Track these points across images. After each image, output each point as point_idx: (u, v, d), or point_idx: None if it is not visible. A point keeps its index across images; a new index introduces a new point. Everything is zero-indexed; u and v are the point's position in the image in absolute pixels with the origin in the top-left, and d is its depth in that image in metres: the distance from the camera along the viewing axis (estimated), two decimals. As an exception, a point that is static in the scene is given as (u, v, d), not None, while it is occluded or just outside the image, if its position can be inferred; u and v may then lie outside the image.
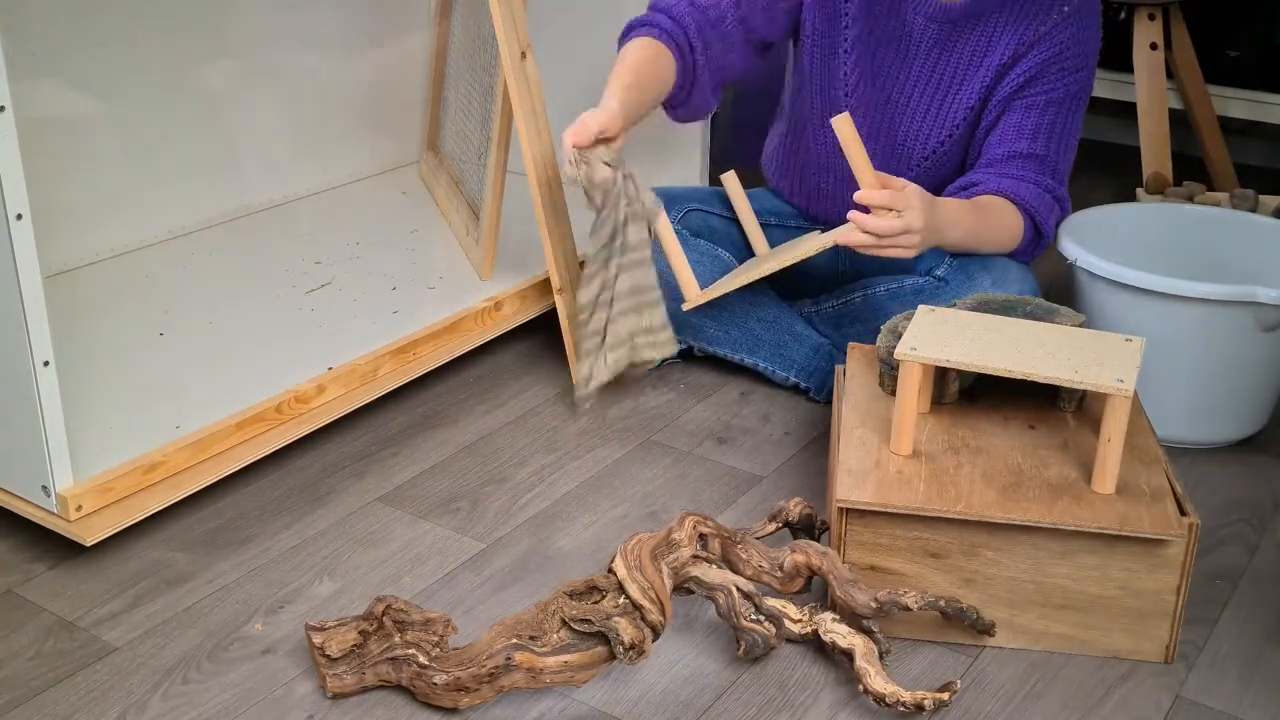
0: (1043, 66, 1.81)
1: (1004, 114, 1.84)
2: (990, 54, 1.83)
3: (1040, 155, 1.83)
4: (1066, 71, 1.81)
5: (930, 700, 1.28)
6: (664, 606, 1.28)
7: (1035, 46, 1.81)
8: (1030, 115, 1.83)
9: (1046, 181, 1.83)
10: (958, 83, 1.85)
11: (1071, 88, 1.82)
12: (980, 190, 1.82)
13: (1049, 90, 1.82)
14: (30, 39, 1.93)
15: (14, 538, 1.56)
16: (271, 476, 1.70)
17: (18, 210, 1.33)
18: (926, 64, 1.85)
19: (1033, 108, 1.83)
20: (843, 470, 1.41)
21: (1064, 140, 1.85)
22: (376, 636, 1.31)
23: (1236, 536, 1.62)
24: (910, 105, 1.88)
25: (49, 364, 1.40)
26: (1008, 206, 1.81)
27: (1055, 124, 1.83)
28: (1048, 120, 1.83)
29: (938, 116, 1.87)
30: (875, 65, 1.87)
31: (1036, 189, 1.82)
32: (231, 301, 1.96)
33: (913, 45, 1.85)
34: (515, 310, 2.00)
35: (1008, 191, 1.81)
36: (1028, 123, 1.83)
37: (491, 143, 1.94)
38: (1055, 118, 1.83)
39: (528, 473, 1.73)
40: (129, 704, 1.31)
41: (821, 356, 1.91)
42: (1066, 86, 1.82)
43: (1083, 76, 1.83)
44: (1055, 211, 1.84)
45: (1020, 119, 1.83)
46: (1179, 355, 1.73)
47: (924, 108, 1.87)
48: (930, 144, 1.88)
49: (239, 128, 2.26)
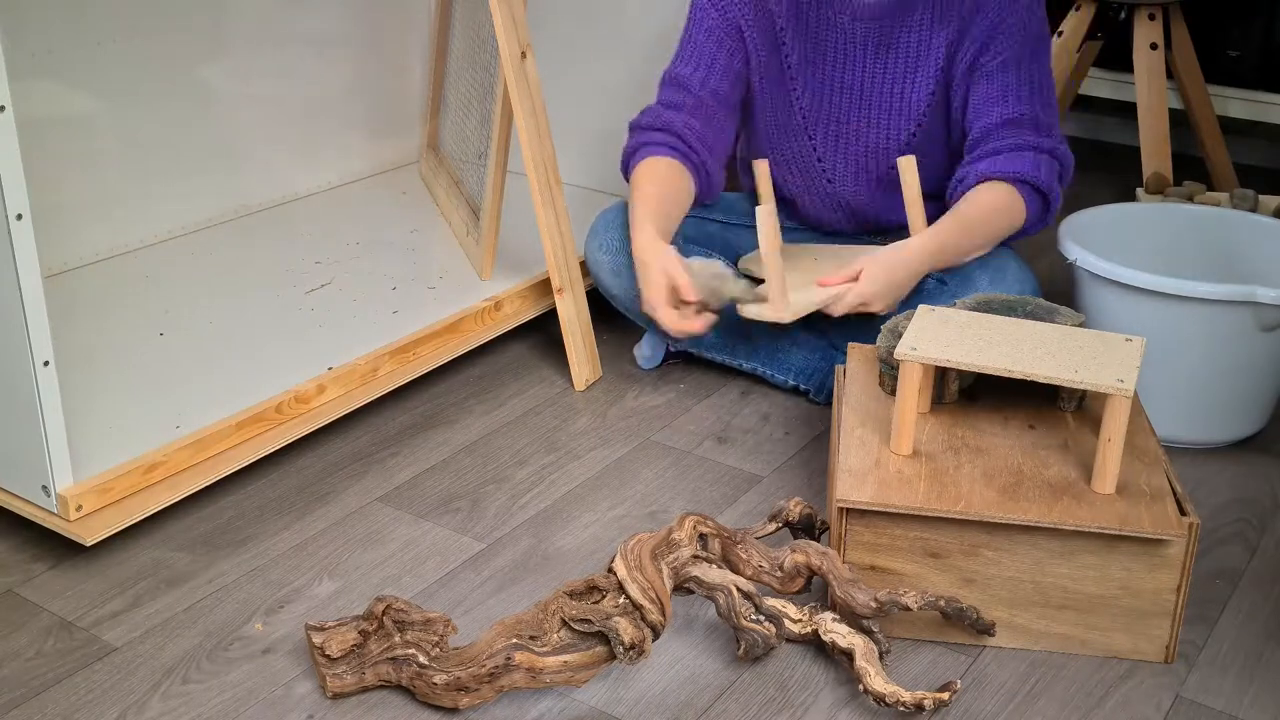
0: (989, 33, 1.80)
1: (970, 87, 1.84)
2: (934, 36, 1.83)
3: (1019, 116, 1.81)
4: (1013, 29, 1.80)
5: (930, 700, 1.28)
6: (664, 606, 1.28)
7: (975, 16, 1.81)
8: (994, 80, 1.82)
9: (1035, 140, 1.81)
10: (910, 72, 1.85)
11: (1026, 43, 1.81)
12: (969, 183, 1.82)
13: (1003, 51, 1.81)
14: (30, 39, 1.93)
15: (14, 538, 1.56)
16: (271, 476, 1.70)
17: (18, 210, 1.33)
18: (874, 64, 1.86)
19: (994, 72, 1.82)
20: (843, 470, 1.41)
21: (1037, 91, 1.83)
22: (376, 636, 1.31)
23: (1236, 536, 1.62)
24: (868, 107, 1.88)
25: (49, 364, 1.40)
26: (1001, 191, 1.80)
27: (1022, 79, 1.82)
28: (1013, 80, 1.82)
29: (899, 111, 1.87)
30: (823, 80, 1.88)
31: (1030, 154, 1.80)
32: (231, 301, 1.96)
33: (855, 49, 1.85)
34: (515, 310, 2.00)
35: (998, 172, 1.80)
36: (994, 88, 1.82)
37: (491, 143, 1.94)
38: (1019, 72, 1.82)
39: (528, 473, 1.73)
40: (129, 704, 1.31)
41: (820, 358, 1.91)
42: (1020, 42, 1.81)
43: (1033, 27, 1.82)
44: (1054, 167, 1.82)
45: (987, 88, 1.82)
46: (1179, 355, 1.73)
47: (883, 106, 1.87)
48: (900, 138, 1.88)
49: (239, 128, 2.26)
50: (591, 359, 1.98)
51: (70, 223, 2.04)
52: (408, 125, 2.58)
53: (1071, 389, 1.52)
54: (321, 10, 2.35)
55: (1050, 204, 1.83)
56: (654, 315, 1.73)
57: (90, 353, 1.79)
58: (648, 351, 2.00)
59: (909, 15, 1.83)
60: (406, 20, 2.50)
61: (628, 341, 2.07)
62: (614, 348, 2.07)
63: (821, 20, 1.86)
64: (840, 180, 1.94)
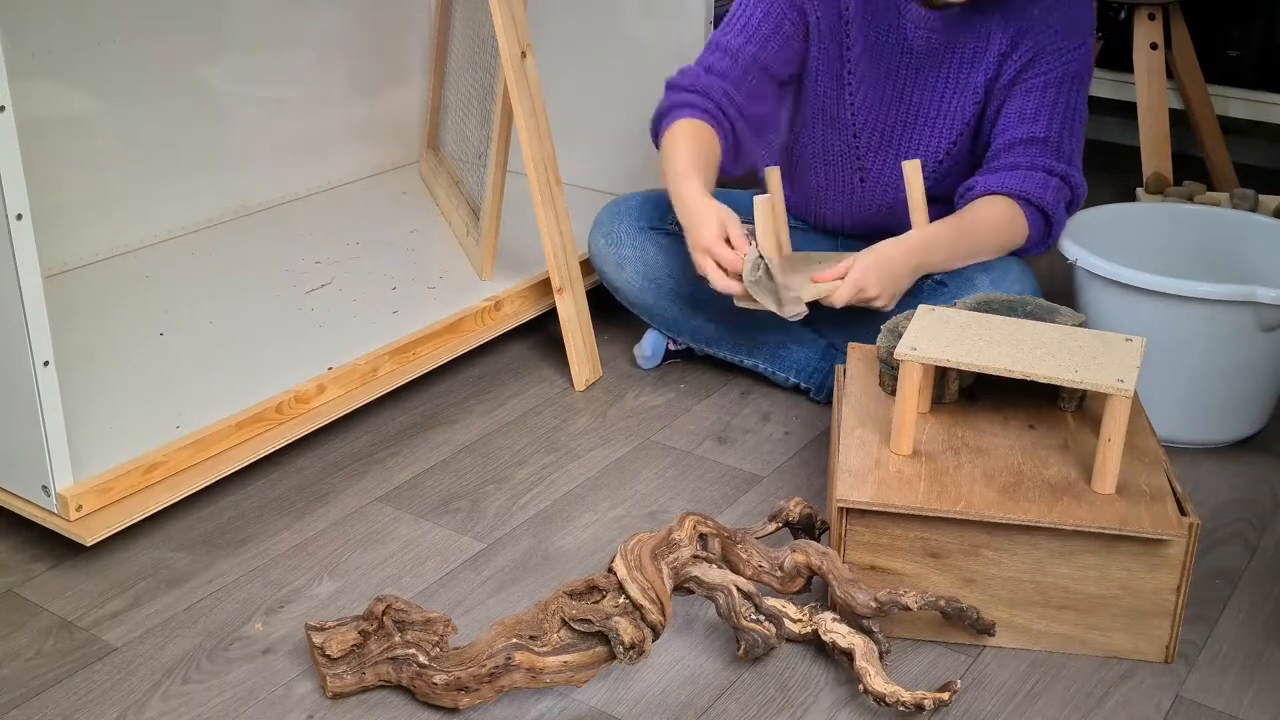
0: (1038, 49, 1.81)
1: (1006, 101, 1.84)
2: (989, 48, 1.83)
3: (1043, 138, 1.82)
4: (1062, 51, 1.81)
5: (930, 700, 1.28)
6: (664, 606, 1.28)
7: (1029, 31, 1.81)
8: (1030, 98, 1.82)
9: (1050, 164, 1.81)
10: (961, 83, 1.85)
11: (1070, 66, 1.82)
12: (975, 194, 1.82)
13: (1046, 71, 1.81)
14: (30, 39, 1.93)
15: (14, 538, 1.56)
16: (271, 476, 1.70)
17: (18, 210, 1.33)
18: (928, 71, 1.86)
19: (1032, 90, 1.82)
20: (843, 470, 1.41)
21: (1068, 120, 1.83)
22: (376, 636, 1.31)
23: (1236, 536, 1.62)
24: (918, 114, 1.88)
25: (49, 364, 1.40)
26: (1004, 206, 1.80)
27: (1057, 103, 1.82)
28: (1049, 100, 1.82)
29: (944, 120, 1.87)
30: (879, 81, 1.88)
31: (1041, 175, 1.80)
32: (231, 301, 1.96)
33: (914, 56, 1.85)
34: (515, 310, 2.00)
35: (1005, 188, 1.80)
36: (1029, 106, 1.82)
37: (491, 143, 1.94)
38: (1057, 97, 1.82)
39: (528, 473, 1.73)
40: (129, 704, 1.31)
41: (821, 357, 1.91)
42: (1065, 65, 1.81)
43: (1081, 54, 1.82)
44: (1064, 193, 1.83)
45: (1021, 103, 1.83)
46: (1179, 355, 1.73)
47: (931, 114, 1.87)
48: (942, 147, 1.88)
49: (239, 128, 2.26)
50: (591, 359, 1.98)
51: (70, 223, 2.04)
52: (408, 125, 2.58)
53: (1072, 389, 1.52)
54: (321, 11, 2.35)
55: (1053, 228, 1.83)
56: (709, 253, 1.68)
57: (90, 353, 1.79)
58: (648, 352, 2.00)
59: (971, 26, 1.82)
60: (406, 20, 2.50)
61: (628, 341, 2.07)
62: (614, 348, 2.07)
63: (888, 20, 1.85)
64: (873, 180, 1.93)
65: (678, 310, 1.93)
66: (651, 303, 1.93)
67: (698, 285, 1.91)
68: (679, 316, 1.94)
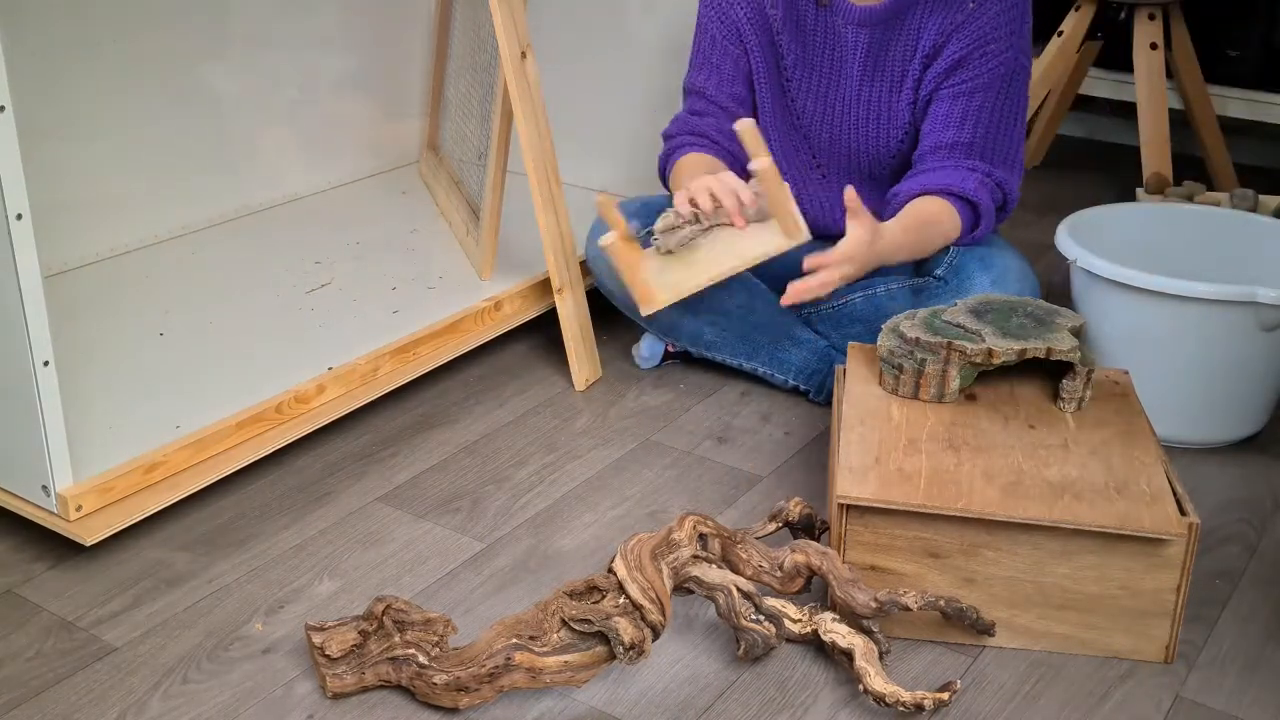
0: (967, 52, 1.80)
1: (931, 104, 1.84)
2: (919, 47, 1.83)
3: (967, 143, 1.81)
4: (991, 55, 1.79)
5: (930, 700, 1.28)
6: (664, 606, 1.28)
7: (956, 33, 1.80)
8: (957, 103, 1.81)
9: (974, 164, 1.81)
10: (897, 82, 1.85)
11: (998, 70, 1.80)
12: (901, 199, 1.83)
13: (975, 76, 1.80)
14: (30, 39, 1.93)
15: (14, 538, 1.56)
16: (271, 476, 1.70)
17: (18, 210, 1.33)
18: (865, 71, 1.86)
19: (959, 95, 1.81)
20: (843, 468, 1.41)
21: (998, 124, 1.82)
22: (376, 636, 1.31)
23: (1236, 536, 1.62)
24: (861, 114, 1.88)
25: (49, 364, 1.40)
26: (938, 205, 1.81)
27: (984, 108, 1.81)
28: (975, 105, 1.81)
29: (888, 119, 1.87)
30: (819, 84, 1.89)
31: (968, 173, 1.80)
32: (231, 301, 1.96)
33: (848, 55, 1.86)
34: (515, 310, 2.00)
35: (933, 186, 1.81)
36: (955, 111, 1.81)
37: (491, 143, 1.94)
38: (984, 102, 1.81)
39: (528, 473, 1.73)
40: (129, 704, 1.31)
41: (820, 359, 1.91)
42: (992, 70, 1.80)
43: (1009, 57, 1.80)
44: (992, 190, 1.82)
45: (948, 108, 1.82)
46: (1179, 355, 1.73)
47: (874, 114, 1.88)
48: (891, 146, 1.89)
49: (239, 128, 2.26)
50: (591, 359, 1.98)
51: (70, 223, 2.04)
52: (408, 125, 2.58)
53: (1072, 390, 1.52)
54: (321, 10, 2.35)
55: (980, 220, 1.83)
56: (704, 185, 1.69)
57: (90, 353, 1.79)
58: (646, 353, 2.00)
59: (902, 22, 1.82)
60: (406, 20, 2.50)
61: (628, 341, 2.07)
62: (614, 348, 2.07)
63: (817, 23, 1.86)
64: (833, 178, 1.94)
65: (675, 314, 1.93)
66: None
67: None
68: (676, 321, 1.93)
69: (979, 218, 1.83)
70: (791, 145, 1.95)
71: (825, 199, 1.96)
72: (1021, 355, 1.51)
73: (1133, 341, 1.76)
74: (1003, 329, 1.55)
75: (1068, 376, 1.53)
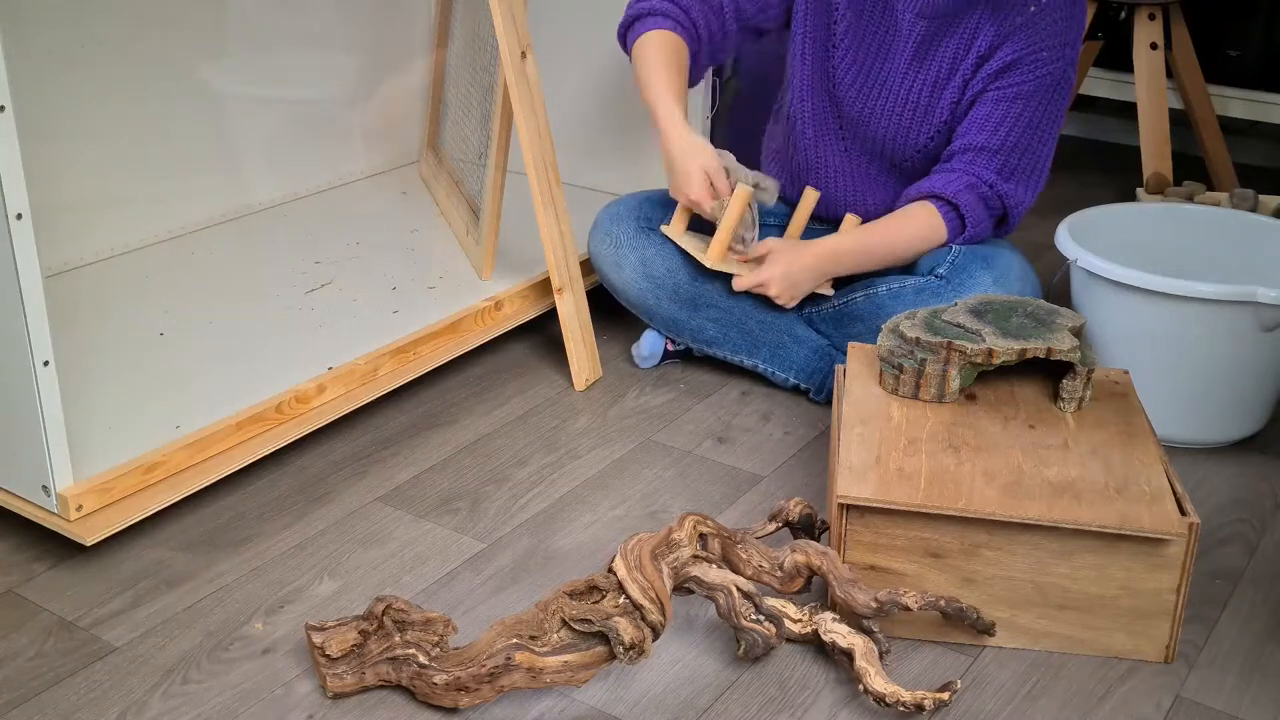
0: (1019, 56, 1.80)
1: (974, 104, 1.84)
2: (973, 47, 1.83)
3: (993, 148, 1.81)
4: (1041, 63, 1.80)
5: (930, 700, 1.28)
6: (664, 606, 1.28)
7: (1011, 37, 1.80)
8: (998, 107, 1.81)
9: (985, 174, 1.81)
10: (943, 79, 1.85)
11: (1045, 79, 1.80)
12: (907, 198, 1.85)
13: (1020, 83, 1.80)
14: (30, 39, 1.93)
15: (14, 538, 1.56)
16: (271, 476, 1.70)
17: (18, 210, 1.33)
18: (914, 61, 1.86)
19: (1002, 100, 1.81)
20: (843, 467, 1.41)
21: (1031, 134, 1.82)
22: (376, 636, 1.31)
23: (1236, 536, 1.62)
24: (899, 101, 1.88)
25: (49, 364, 1.40)
26: (924, 213, 1.82)
27: (1021, 116, 1.81)
28: (1014, 112, 1.81)
29: (925, 113, 1.87)
30: (864, 61, 1.88)
31: (968, 178, 1.81)
32: (231, 301, 1.96)
33: (900, 41, 1.85)
34: (515, 310, 2.00)
35: (930, 190, 1.82)
36: (994, 115, 1.82)
37: (491, 143, 1.94)
38: (1024, 110, 1.81)
39: (528, 473, 1.73)
40: (129, 704, 1.31)
41: (821, 358, 1.91)
42: (1039, 78, 1.80)
43: (1058, 68, 1.81)
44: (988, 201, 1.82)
45: (988, 110, 1.82)
46: (1179, 355, 1.73)
47: (911, 104, 1.87)
48: (920, 140, 1.88)
49: (239, 128, 2.26)
50: (591, 359, 1.98)
51: (70, 223, 2.04)
52: (408, 125, 2.58)
53: (1072, 390, 1.52)
54: (321, 10, 2.35)
55: (967, 230, 1.83)
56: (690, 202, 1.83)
57: (90, 353, 1.79)
58: (646, 351, 2.00)
59: (960, 19, 1.82)
60: (406, 20, 2.50)
61: (628, 341, 2.07)
62: (614, 348, 2.07)
63: (880, 6, 1.85)
64: (855, 154, 1.94)
65: (677, 310, 1.93)
66: (651, 303, 1.94)
67: (697, 286, 1.91)
68: (678, 317, 1.94)
69: (964, 220, 1.83)
70: (823, 107, 1.93)
71: (844, 169, 1.95)
72: (1021, 355, 1.51)
73: (1133, 341, 1.76)
74: (1003, 329, 1.55)
75: (1068, 376, 1.53)
